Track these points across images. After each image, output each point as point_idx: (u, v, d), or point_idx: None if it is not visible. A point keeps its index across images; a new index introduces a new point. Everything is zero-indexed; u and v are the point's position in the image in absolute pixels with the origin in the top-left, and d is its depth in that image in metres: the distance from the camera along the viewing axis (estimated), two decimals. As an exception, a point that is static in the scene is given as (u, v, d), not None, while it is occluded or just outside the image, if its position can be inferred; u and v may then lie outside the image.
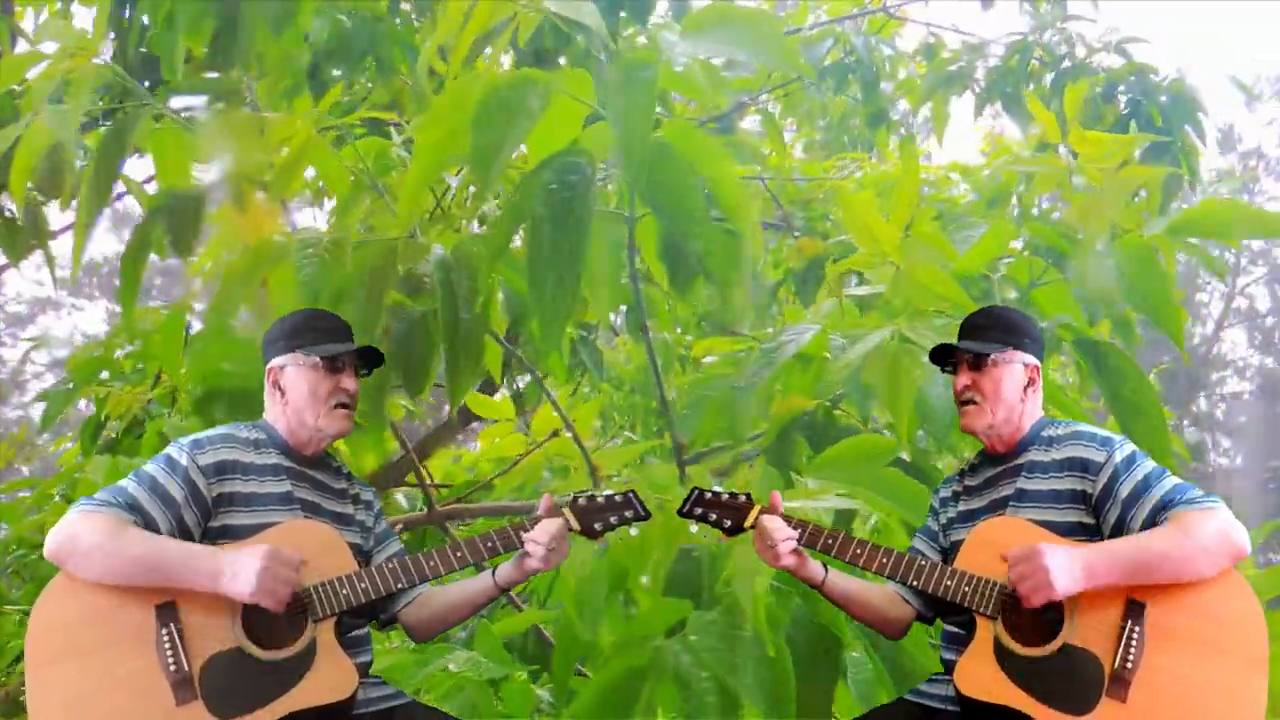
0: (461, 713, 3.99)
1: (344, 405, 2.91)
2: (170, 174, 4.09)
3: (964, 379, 2.95)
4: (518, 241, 4.06)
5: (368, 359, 3.00)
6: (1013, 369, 2.95)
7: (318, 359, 2.89)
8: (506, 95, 3.63)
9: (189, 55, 4.46)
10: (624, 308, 5.36)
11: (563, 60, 4.65)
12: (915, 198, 3.87)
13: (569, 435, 4.47)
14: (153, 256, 4.24)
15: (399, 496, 5.10)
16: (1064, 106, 4.15)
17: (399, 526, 4.50)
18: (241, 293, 3.86)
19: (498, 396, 5.22)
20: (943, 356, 3.05)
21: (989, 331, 2.96)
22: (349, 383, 2.91)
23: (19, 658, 4.03)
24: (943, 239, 3.80)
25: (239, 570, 2.58)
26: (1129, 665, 2.60)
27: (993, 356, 2.92)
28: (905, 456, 3.78)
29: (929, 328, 3.62)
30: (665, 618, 3.60)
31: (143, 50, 4.58)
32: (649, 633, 3.58)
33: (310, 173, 4.43)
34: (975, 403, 2.94)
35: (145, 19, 4.44)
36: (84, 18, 4.76)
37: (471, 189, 4.28)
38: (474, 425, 5.17)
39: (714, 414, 4.00)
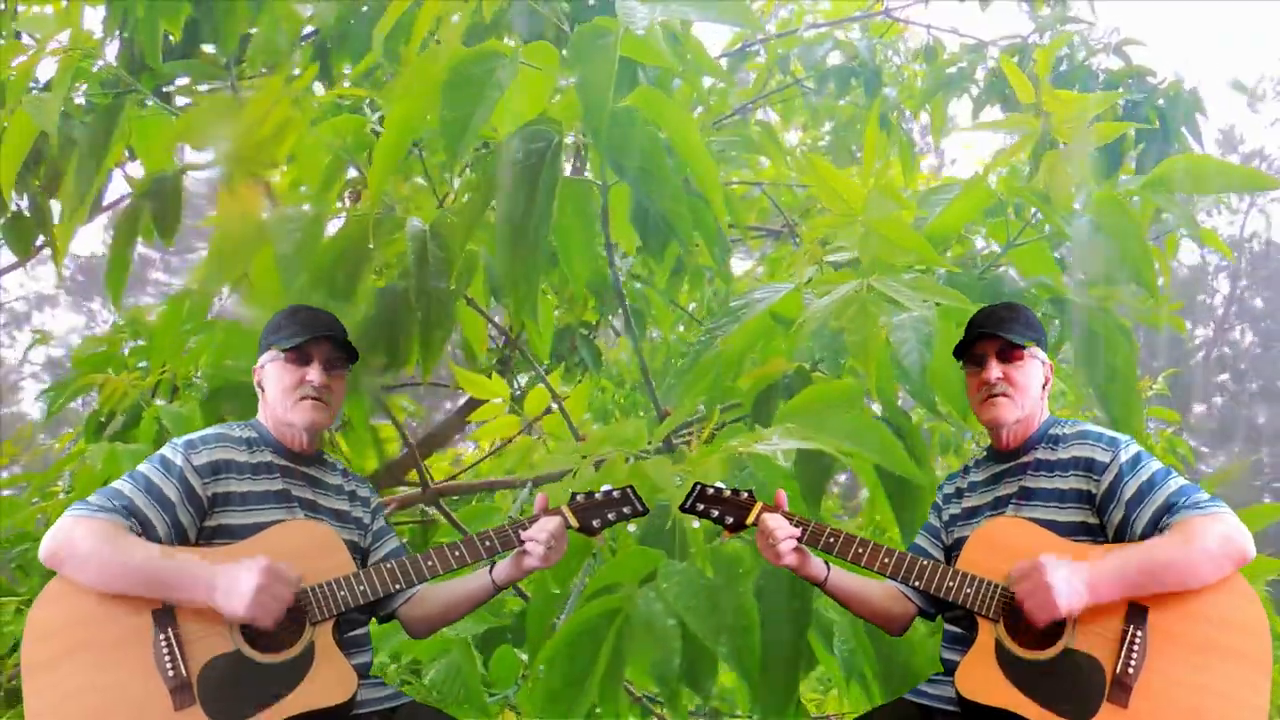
0: (448, 675, 4.06)
1: (310, 397, 2.89)
2: (154, 159, 4.19)
3: (996, 370, 2.90)
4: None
5: (344, 350, 2.97)
6: (1036, 364, 2.94)
7: (284, 352, 2.88)
8: (473, 69, 3.73)
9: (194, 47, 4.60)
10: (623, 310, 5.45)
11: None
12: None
13: (557, 409, 4.51)
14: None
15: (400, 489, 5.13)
16: (1036, 69, 4.17)
17: (392, 505, 4.57)
18: (224, 273, 3.97)
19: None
20: (964, 349, 2.99)
21: (1015, 325, 2.94)
22: (314, 374, 2.89)
23: (15, 645, 4.06)
24: (897, 193, 3.82)
25: (235, 587, 2.56)
26: (1131, 671, 2.59)
27: (1025, 349, 2.89)
28: (876, 408, 3.79)
29: (898, 281, 3.63)
30: (637, 567, 3.60)
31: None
32: (619, 581, 3.59)
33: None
34: (1007, 395, 2.90)
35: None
36: (89, 16, 4.74)
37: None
38: (472, 425, 5.22)
39: (696, 380, 4.03)
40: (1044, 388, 2.96)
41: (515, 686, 4.35)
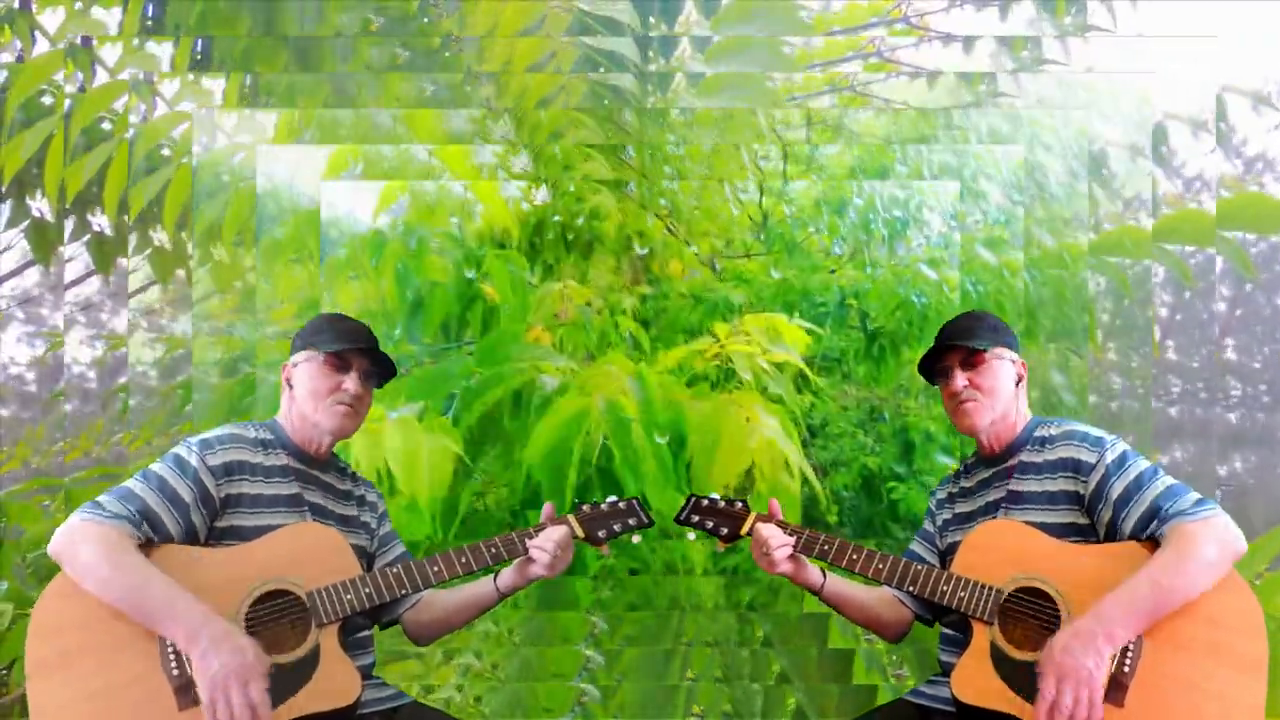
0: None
1: (345, 404, 2.83)
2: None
3: (960, 379, 2.87)
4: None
5: (381, 367, 2.92)
6: (1004, 364, 2.89)
7: (324, 355, 2.82)
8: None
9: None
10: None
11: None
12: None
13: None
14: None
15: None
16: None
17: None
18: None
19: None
20: (929, 368, 2.97)
21: (976, 332, 2.89)
22: (351, 384, 2.82)
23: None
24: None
25: (211, 656, 2.38)
26: (1126, 670, 2.48)
27: (986, 352, 2.85)
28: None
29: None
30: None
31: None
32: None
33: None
34: (975, 400, 2.86)
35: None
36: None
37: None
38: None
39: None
40: (1018, 385, 2.89)
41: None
